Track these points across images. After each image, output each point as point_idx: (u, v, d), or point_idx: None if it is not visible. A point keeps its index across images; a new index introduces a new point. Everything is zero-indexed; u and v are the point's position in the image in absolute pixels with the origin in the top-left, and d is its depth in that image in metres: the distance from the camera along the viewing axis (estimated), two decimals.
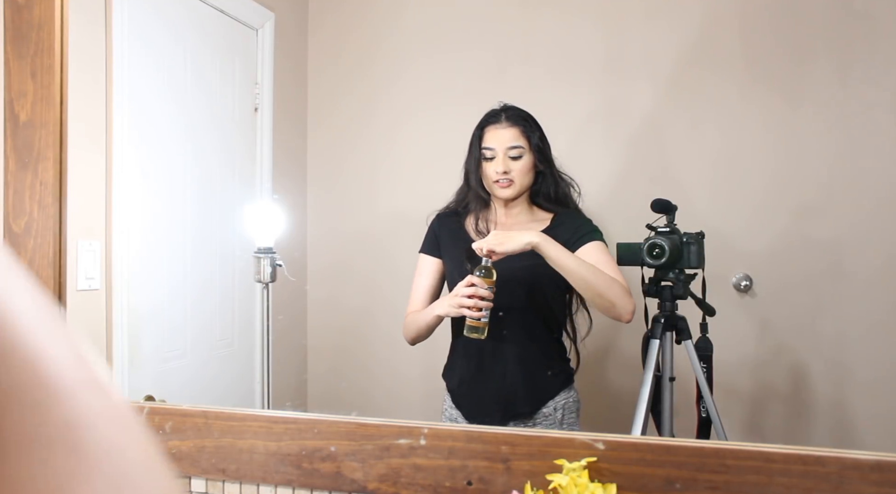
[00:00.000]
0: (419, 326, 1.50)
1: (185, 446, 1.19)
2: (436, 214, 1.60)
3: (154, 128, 1.72)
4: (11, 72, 1.31)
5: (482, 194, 1.53)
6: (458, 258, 1.51)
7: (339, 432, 1.11)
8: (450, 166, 1.57)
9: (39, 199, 1.29)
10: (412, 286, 1.57)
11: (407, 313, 1.56)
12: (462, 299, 1.38)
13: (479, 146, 1.51)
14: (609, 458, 0.96)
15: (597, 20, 2.00)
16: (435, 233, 1.58)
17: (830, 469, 0.88)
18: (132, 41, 1.60)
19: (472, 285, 1.37)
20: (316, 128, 2.23)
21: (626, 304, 1.40)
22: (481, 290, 1.37)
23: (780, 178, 1.82)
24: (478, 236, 1.51)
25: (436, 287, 1.56)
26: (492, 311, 1.39)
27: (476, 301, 1.37)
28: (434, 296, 1.56)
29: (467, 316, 1.38)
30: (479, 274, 1.38)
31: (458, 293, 1.40)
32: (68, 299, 1.31)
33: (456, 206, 1.58)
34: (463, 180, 1.56)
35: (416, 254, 1.60)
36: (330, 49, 2.24)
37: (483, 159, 1.50)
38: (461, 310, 1.39)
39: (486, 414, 1.48)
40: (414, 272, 1.59)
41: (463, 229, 1.55)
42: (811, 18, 1.83)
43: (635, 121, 1.95)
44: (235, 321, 1.98)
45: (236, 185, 2.03)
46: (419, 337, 1.52)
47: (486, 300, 1.37)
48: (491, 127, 1.51)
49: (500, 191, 1.50)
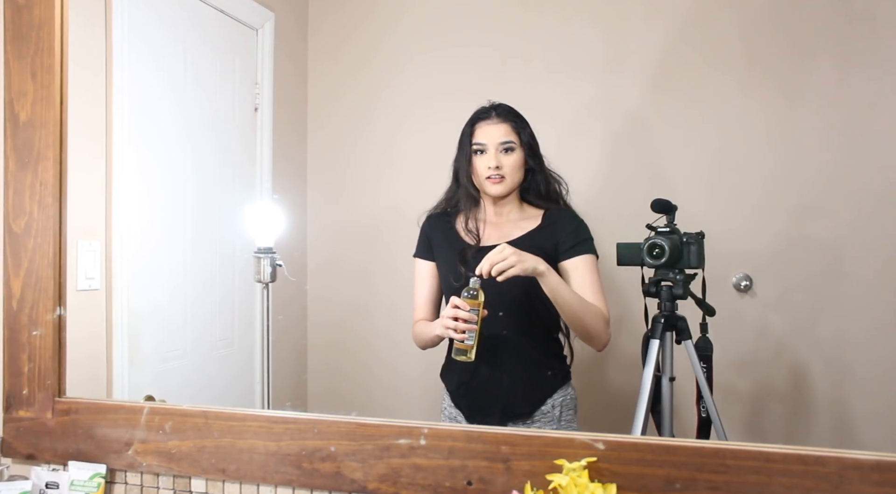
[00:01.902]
0: (425, 340, 1.50)
1: (185, 446, 1.19)
2: (426, 215, 1.58)
3: (154, 128, 1.72)
4: (11, 72, 1.31)
5: (472, 192, 1.51)
6: (451, 260, 1.50)
7: (339, 432, 1.11)
8: (449, 165, 1.57)
9: (39, 199, 1.29)
10: (413, 292, 1.56)
11: (414, 321, 1.55)
12: (447, 320, 1.37)
13: (470, 142, 1.50)
14: (609, 458, 0.96)
15: (596, 19, 2.00)
16: (427, 236, 1.57)
17: (830, 469, 0.88)
18: (132, 41, 1.59)
19: (456, 307, 1.35)
20: (316, 128, 2.23)
21: (604, 337, 1.44)
22: (462, 312, 1.34)
23: (781, 178, 1.82)
24: (468, 236, 1.50)
25: (436, 291, 1.55)
26: (492, 311, 1.39)
27: (459, 323, 1.35)
28: (436, 301, 1.55)
29: (453, 338, 1.38)
30: (465, 296, 1.35)
31: (445, 314, 1.38)
32: (68, 299, 1.31)
33: (446, 206, 1.56)
34: (452, 179, 1.55)
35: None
36: (330, 49, 2.24)
37: (474, 154, 1.49)
38: (447, 332, 1.38)
39: (486, 415, 1.47)
40: (413, 276, 1.58)
41: (454, 230, 1.53)
42: (811, 18, 1.83)
43: (635, 121, 1.95)
44: (235, 321, 1.98)
45: (236, 185, 2.03)
46: (427, 346, 1.52)
47: (470, 322, 1.34)
48: (482, 123, 1.50)
49: (491, 187, 1.48)
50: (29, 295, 1.29)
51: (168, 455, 1.20)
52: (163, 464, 1.21)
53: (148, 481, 1.23)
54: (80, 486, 1.23)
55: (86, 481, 1.23)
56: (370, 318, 2.14)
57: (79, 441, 1.26)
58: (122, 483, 1.25)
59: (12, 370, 1.30)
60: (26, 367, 1.30)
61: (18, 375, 1.30)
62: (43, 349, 1.29)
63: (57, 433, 1.27)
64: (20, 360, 1.30)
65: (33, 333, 1.29)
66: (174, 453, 1.20)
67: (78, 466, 1.24)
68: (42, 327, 1.29)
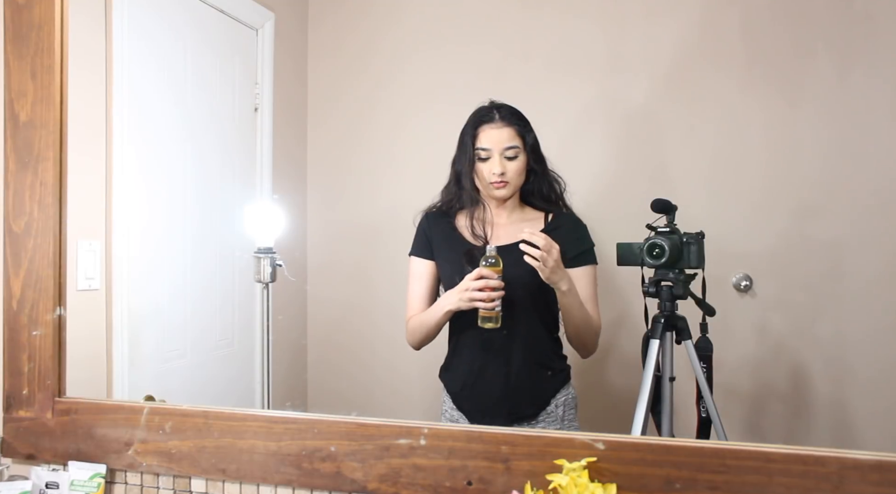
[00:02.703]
0: (428, 326, 1.49)
1: (185, 446, 1.19)
2: (423, 214, 1.57)
3: (154, 129, 1.72)
4: (11, 72, 1.31)
5: (474, 195, 1.50)
6: (455, 260, 1.49)
7: (339, 432, 1.11)
8: (449, 165, 1.56)
9: (39, 199, 1.29)
10: (408, 291, 1.56)
11: (408, 318, 1.54)
12: (473, 293, 1.38)
13: (473, 146, 1.47)
14: (609, 458, 0.96)
15: (597, 19, 2.00)
16: (426, 235, 1.55)
17: (830, 469, 0.88)
18: (132, 41, 1.59)
19: (482, 278, 1.37)
20: (316, 128, 2.23)
21: (593, 348, 1.50)
22: (492, 281, 1.37)
23: (780, 178, 1.82)
24: (474, 239, 1.49)
25: (433, 290, 1.55)
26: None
27: (488, 292, 1.37)
28: (432, 299, 1.55)
29: (481, 307, 1.38)
30: (486, 264, 1.38)
31: (468, 287, 1.38)
32: (68, 299, 1.31)
33: (443, 206, 1.55)
34: (452, 180, 1.53)
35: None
36: (330, 49, 2.24)
37: (478, 159, 1.47)
38: (474, 303, 1.38)
39: (493, 416, 1.46)
40: (408, 274, 1.57)
41: (456, 230, 1.52)
42: (811, 18, 1.83)
43: (635, 120, 1.95)
44: (235, 321, 1.98)
45: (236, 185, 2.03)
46: (427, 338, 1.51)
47: (498, 289, 1.37)
48: (485, 126, 1.47)
49: (495, 191, 1.47)
50: (29, 295, 1.29)
51: (168, 455, 1.20)
52: (163, 464, 1.21)
53: (148, 481, 1.23)
54: (80, 486, 1.23)
55: (86, 481, 1.23)
56: (370, 318, 2.14)
57: (79, 441, 1.26)
58: (122, 483, 1.25)
59: (12, 370, 1.30)
60: (26, 367, 1.30)
61: (18, 375, 1.30)
62: (43, 349, 1.29)
63: (57, 433, 1.27)
64: (20, 360, 1.30)
65: (33, 333, 1.29)
66: (174, 453, 1.20)
67: (78, 466, 1.24)
68: (42, 327, 1.29)
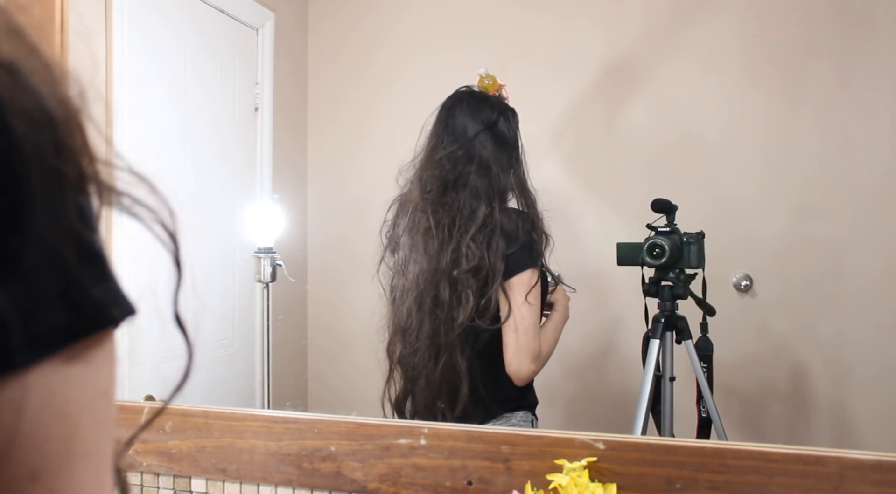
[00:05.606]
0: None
1: (185, 446, 1.19)
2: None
3: (153, 129, 1.72)
4: None
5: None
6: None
7: (339, 432, 1.11)
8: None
9: None
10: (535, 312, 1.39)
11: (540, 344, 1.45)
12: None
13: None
14: (609, 458, 0.96)
15: (597, 20, 2.00)
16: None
17: (830, 469, 0.88)
18: (132, 41, 1.59)
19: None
20: (316, 127, 2.23)
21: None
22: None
23: (781, 178, 1.82)
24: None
25: None
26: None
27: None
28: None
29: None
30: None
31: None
32: None
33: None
34: (520, 191, 1.42)
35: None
36: (330, 49, 2.24)
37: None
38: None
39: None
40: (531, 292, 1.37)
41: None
42: (811, 19, 1.83)
43: (635, 120, 1.95)
44: (235, 321, 1.98)
45: (236, 186, 2.03)
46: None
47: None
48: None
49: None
50: None
51: (168, 455, 1.20)
52: (163, 464, 1.21)
53: (148, 481, 1.23)
54: None
55: None
56: (370, 318, 2.13)
57: None
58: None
59: None
60: None
61: None
62: None
63: None
64: None
65: None
66: (174, 453, 1.20)
67: None
68: None
